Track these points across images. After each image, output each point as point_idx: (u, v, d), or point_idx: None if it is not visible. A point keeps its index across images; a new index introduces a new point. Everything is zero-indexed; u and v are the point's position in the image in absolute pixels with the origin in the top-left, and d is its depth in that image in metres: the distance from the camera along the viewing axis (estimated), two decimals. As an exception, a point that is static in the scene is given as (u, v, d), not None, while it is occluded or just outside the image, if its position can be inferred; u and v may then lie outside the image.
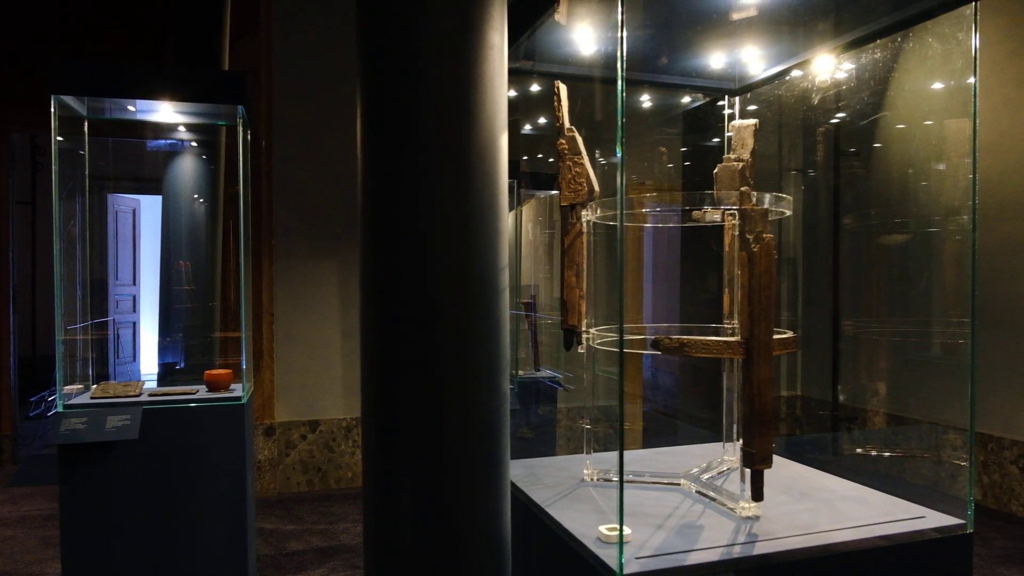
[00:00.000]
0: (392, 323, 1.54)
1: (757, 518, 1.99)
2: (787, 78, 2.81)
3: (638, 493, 2.23)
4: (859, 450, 5.08)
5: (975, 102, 2.09)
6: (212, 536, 3.10)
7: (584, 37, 2.52)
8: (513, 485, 2.28)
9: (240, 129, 3.41)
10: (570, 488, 2.27)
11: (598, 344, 2.22)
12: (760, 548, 1.79)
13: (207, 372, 3.29)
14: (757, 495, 1.90)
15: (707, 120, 3.32)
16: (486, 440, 1.59)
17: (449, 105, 1.51)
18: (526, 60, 2.87)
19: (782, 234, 5.30)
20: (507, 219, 1.57)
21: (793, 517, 2.02)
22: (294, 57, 4.94)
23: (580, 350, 2.28)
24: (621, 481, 1.73)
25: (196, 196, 4.42)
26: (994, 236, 4.46)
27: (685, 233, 4.91)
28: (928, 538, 1.96)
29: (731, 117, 2.93)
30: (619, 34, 1.54)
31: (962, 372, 2.17)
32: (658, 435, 5.13)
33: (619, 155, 1.61)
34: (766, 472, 1.89)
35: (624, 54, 1.56)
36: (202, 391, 3.24)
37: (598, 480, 2.35)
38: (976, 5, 2.02)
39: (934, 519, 2.04)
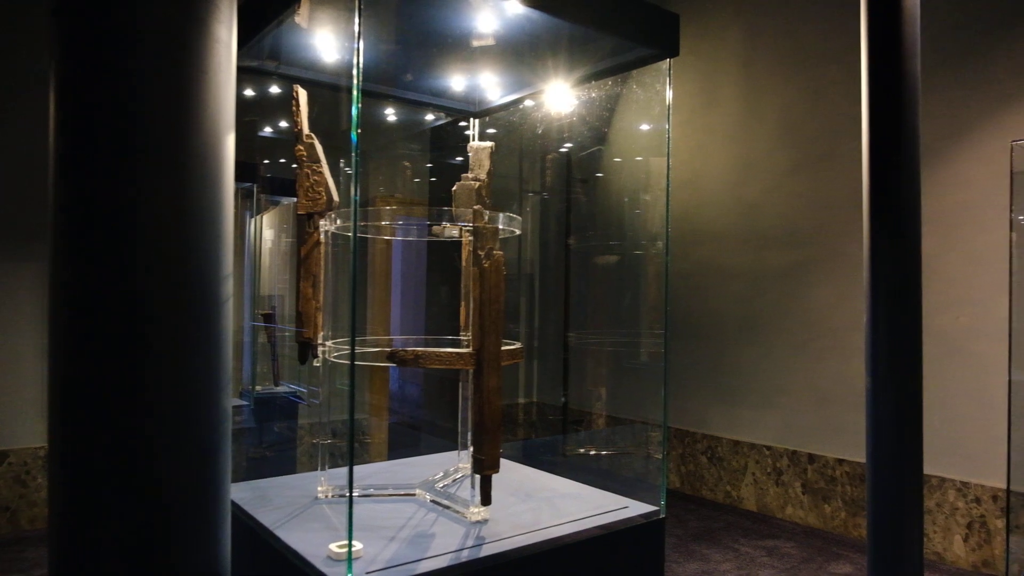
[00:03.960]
0: (89, 337, 1.35)
1: (486, 521, 2.09)
2: (521, 106, 3.02)
3: (373, 506, 2.22)
4: (581, 450, 5.60)
5: (668, 145, 2.43)
6: None
7: (327, 43, 2.47)
8: (239, 509, 2.13)
9: None
10: (302, 507, 2.19)
11: (334, 357, 2.17)
12: (487, 549, 1.89)
13: None
14: (486, 499, 1.99)
15: (451, 139, 3.44)
16: (203, 463, 1.46)
17: (165, 99, 1.38)
18: (270, 60, 2.73)
19: (522, 251, 5.68)
20: (231, 224, 1.47)
21: (519, 517, 2.15)
22: (-18, 21, 4.16)
23: (316, 363, 2.21)
24: (351, 496, 1.71)
25: None
26: (689, 260, 5.21)
27: (432, 247, 5.03)
28: (631, 525, 2.22)
29: (471, 138, 3.07)
30: (356, 44, 1.54)
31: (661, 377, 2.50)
32: (403, 446, 5.16)
33: (354, 153, 1.61)
34: (496, 476, 2.00)
35: (361, 63, 1.56)
36: None
37: (333, 496, 2.29)
38: (670, 62, 2.36)
39: (636, 508, 2.31)
